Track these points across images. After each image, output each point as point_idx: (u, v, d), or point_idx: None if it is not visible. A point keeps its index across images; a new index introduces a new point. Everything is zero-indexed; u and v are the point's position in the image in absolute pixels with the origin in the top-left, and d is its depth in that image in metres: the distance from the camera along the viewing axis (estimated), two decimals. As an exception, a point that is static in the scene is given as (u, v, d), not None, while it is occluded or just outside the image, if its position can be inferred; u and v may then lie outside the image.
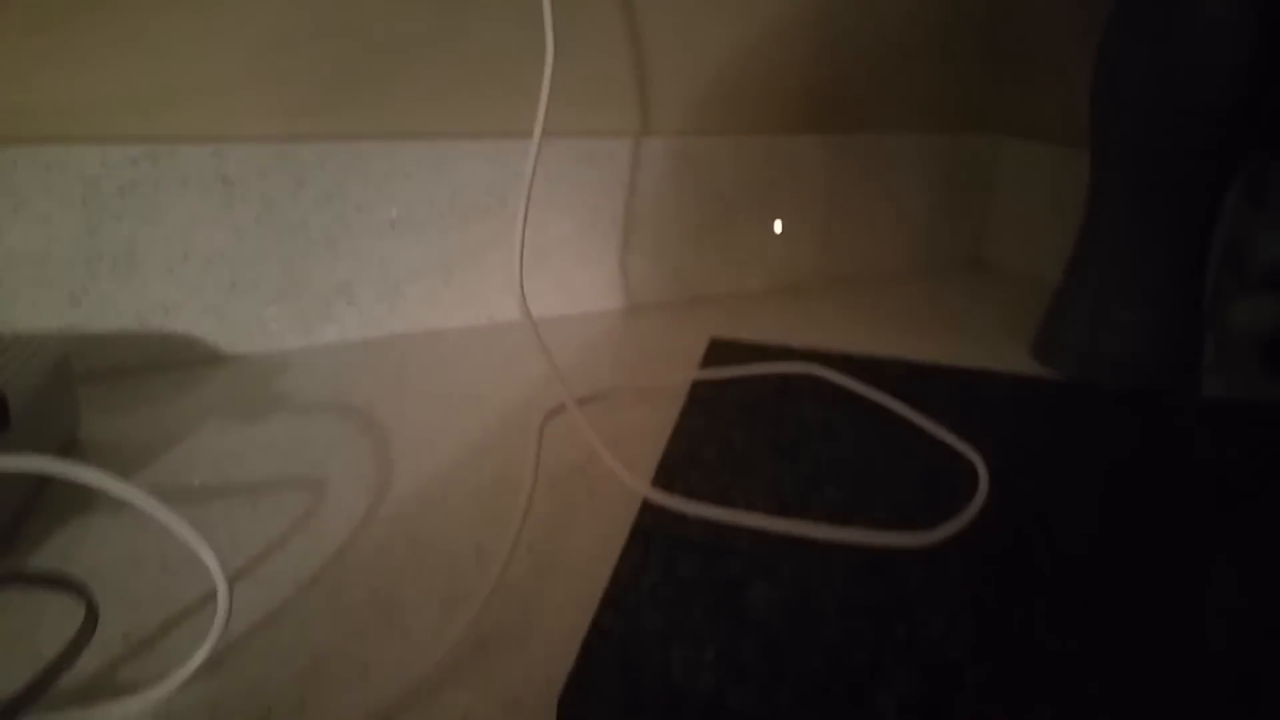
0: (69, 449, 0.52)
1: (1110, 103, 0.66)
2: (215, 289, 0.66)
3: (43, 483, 0.48)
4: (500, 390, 0.65)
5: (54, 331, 0.60)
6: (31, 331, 0.59)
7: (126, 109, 0.62)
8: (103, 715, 0.34)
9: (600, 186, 0.79)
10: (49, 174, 0.59)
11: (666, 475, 0.50)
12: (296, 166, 0.66)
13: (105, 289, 0.62)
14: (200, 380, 0.63)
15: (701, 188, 0.85)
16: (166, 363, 0.65)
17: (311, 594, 0.42)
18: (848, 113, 0.93)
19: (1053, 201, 0.97)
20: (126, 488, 0.36)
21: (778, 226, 0.89)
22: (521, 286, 0.57)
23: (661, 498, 0.47)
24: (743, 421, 0.58)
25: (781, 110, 0.89)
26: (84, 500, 0.48)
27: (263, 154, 0.65)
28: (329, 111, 0.68)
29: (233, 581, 0.41)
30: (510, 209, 0.75)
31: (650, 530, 0.45)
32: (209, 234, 0.64)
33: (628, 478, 0.49)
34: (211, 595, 0.41)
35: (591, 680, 0.35)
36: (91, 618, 0.35)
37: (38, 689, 0.33)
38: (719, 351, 0.70)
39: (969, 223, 1.05)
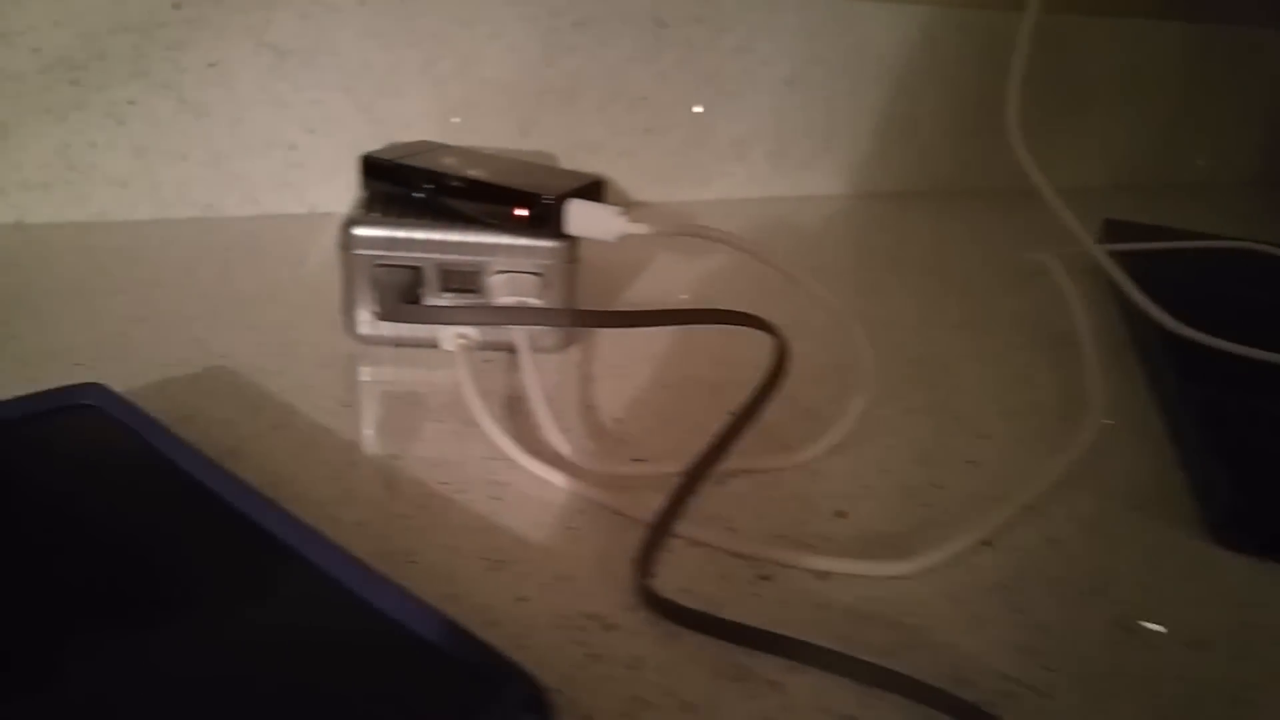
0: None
1: None
2: (633, 132, 0.67)
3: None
4: (943, 247, 0.66)
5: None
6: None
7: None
8: (784, 461, 0.36)
9: (973, 60, 0.78)
10: (521, 5, 0.60)
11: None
12: (718, 12, 0.67)
13: (548, 122, 0.64)
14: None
15: (1065, 70, 0.83)
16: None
17: (881, 401, 0.43)
18: None
19: None
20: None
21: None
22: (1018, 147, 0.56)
23: (1203, 338, 0.47)
24: (1201, 290, 0.57)
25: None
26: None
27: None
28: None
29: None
30: (896, 76, 0.75)
31: (1198, 367, 0.45)
32: (638, 74, 0.65)
33: (1162, 318, 0.48)
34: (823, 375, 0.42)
35: (1254, 481, 0.35)
36: (784, 354, 0.37)
37: (748, 415, 0.35)
38: (1116, 230, 0.69)
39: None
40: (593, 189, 0.42)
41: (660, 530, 0.30)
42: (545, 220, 0.40)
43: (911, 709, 0.25)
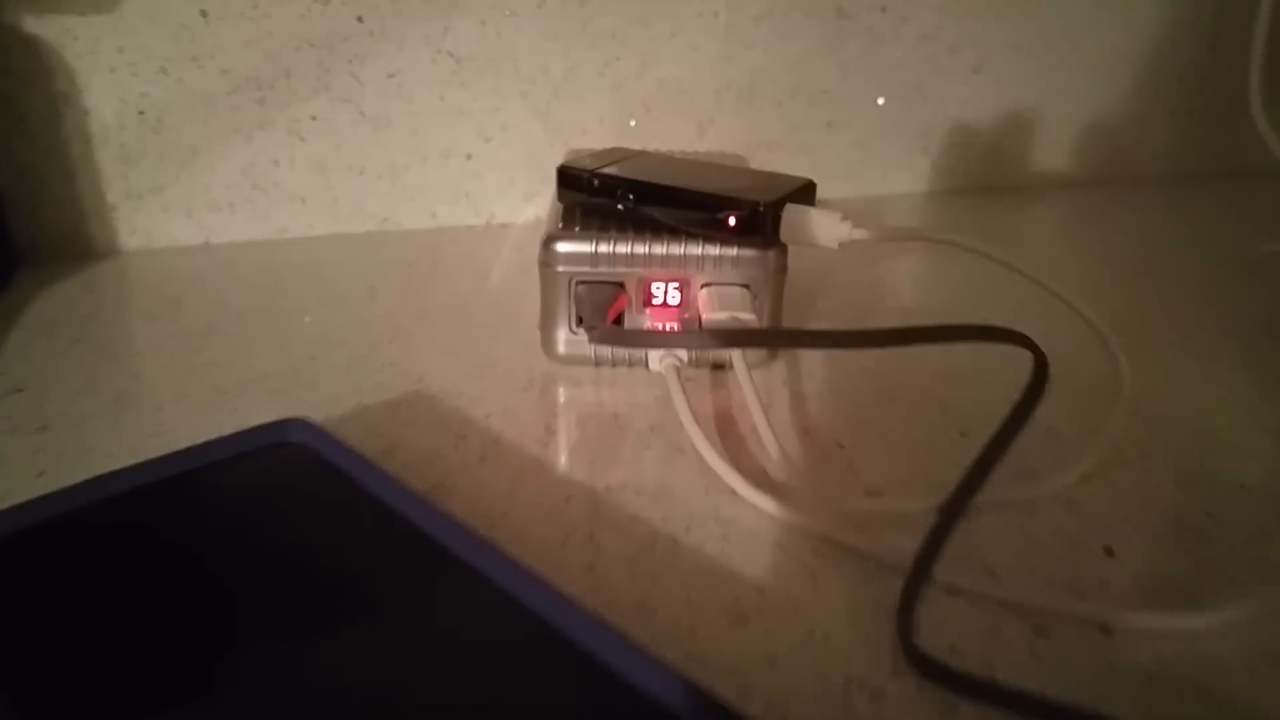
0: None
1: None
2: (813, 128, 0.64)
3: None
4: (1163, 241, 0.61)
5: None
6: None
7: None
8: (1035, 490, 0.33)
9: (1179, 39, 0.72)
10: (700, 1, 0.57)
11: None
12: (904, 2, 0.62)
13: (725, 121, 0.61)
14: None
15: None
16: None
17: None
18: None
19: None
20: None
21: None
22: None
23: None
24: None
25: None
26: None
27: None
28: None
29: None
30: (1085, 60, 0.70)
31: None
32: (820, 68, 0.62)
33: None
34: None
35: None
36: (1044, 372, 0.33)
37: (1006, 438, 0.31)
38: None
39: None
40: (805, 192, 0.39)
41: (919, 577, 0.27)
42: (759, 227, 0.37)
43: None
